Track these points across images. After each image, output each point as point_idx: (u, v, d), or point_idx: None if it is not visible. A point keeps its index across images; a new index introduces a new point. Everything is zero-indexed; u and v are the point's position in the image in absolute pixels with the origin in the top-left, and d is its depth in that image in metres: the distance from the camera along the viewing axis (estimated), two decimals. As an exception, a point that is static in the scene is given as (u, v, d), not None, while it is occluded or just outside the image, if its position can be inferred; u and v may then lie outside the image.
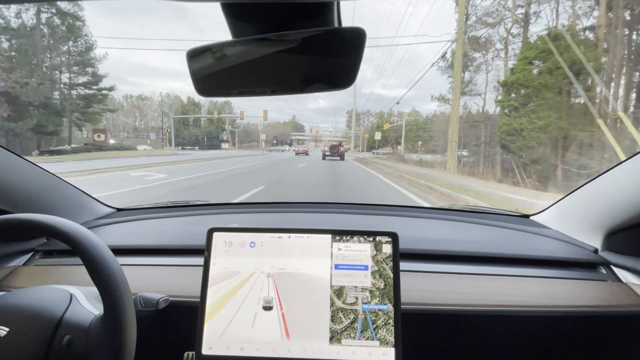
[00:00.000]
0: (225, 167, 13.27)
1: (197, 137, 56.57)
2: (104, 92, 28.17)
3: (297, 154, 28.99)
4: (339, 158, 22.15)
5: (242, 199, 5.67)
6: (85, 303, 0.57)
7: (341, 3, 0.43)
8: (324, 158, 22.41)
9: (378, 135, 32.68)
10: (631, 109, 10.12)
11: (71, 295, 0.57)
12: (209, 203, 1.29)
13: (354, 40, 0.45)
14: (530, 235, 0.99)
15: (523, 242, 0.95)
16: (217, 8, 0.42)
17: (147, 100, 66.67)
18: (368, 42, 0.46)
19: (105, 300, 0.50)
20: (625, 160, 0.77)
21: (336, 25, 0.45)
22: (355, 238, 0.63)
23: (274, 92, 0.52)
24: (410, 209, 1.25)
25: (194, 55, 0.49)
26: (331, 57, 0.48)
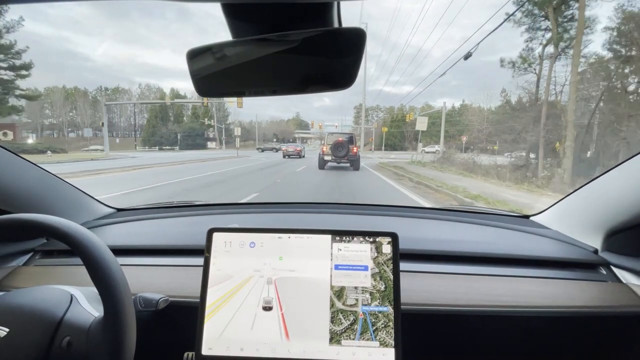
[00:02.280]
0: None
1: (177, 135, 50.02)
2: (22, 72, 18.84)
3: (285, 155, 21.93)
4: (349, 165, 12.35)
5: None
6: (85, 304, 0.56)
7: (341, 3, 0.43)
8: (321, 167, 12.30)
9: (422, 125, 16.25)
10: None
11: (71, 295, 0.57)
12: (208, 203, 1.29)
13: (354, 40, 0.45)
14: (530, 236, 0.99)
15: (523, 243, 0.95)
16: (219, 8, 0.42)
17: (125, 94, 60.86)
18: (378, 40, 0.45)
19: (105, 301, 0.50)
20: (625, 161, 0.77)
21: (336, 25, 0.45)
22: (355, 238, 0.63)
23: (274, 92, 0.52)
24: (410, 209, 1.25)
25: (194, 56, 0.49)
26: (331, 58, 0.47)
